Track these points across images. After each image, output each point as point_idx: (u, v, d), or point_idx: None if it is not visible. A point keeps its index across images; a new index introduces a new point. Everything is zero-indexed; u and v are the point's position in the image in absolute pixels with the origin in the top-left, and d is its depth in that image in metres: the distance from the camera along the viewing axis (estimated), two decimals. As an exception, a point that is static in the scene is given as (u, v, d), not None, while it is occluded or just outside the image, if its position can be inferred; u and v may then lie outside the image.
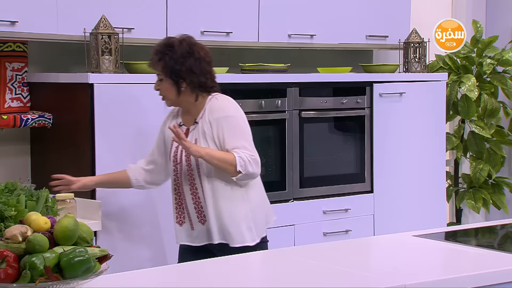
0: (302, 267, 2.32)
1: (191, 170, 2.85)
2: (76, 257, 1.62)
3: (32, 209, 1.86)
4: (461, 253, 2.44)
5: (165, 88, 2.86)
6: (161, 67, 2.84)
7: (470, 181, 4.87)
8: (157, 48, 2.87)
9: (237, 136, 2.82)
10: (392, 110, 4.18)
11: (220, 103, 2.87)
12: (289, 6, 4.00)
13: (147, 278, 1.99)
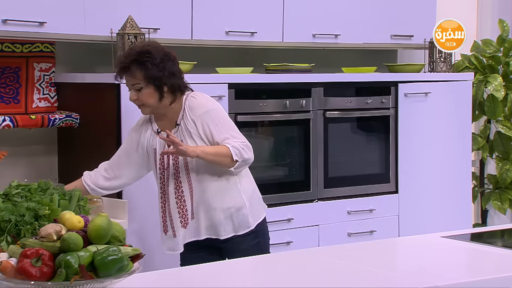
0: (330, 267, 2.32)
1: (178, 173, 2.83)
2: (109, 256, 1.64)
3: (65, 208, 1.88)
4: (490, 255, 2.42)
5: (145, 96, 2.77)
6: (142, 76, 2.75)
7: (496, 182, 4.83)
8: (132, 58, 2.76)
9: (223, 127, 2.84)
10: (417, 110, 4.15)
11: (199, 100, 2.86)
12: (313, 6, 3.99)
13: (180, 277, 2.00)
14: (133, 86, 2.78)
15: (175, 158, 2.82)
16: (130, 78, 2.78)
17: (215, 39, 3.72)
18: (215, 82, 3.52)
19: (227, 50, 3.96)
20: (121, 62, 2.78)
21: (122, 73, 2.79)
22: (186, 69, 3.52)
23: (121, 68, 2.78)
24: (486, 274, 2.13)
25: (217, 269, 2.22)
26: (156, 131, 2.86)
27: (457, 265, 2.37)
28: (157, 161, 2.86)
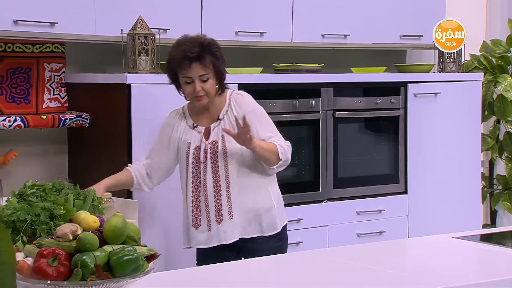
0: (341, 267, 2.31)
1: (217, 167, 2.84)
2: (125, 255, 1.64)
3: (80, 208, 1.88)
4: (503, 256, 2.41)
5: (210, 87, 2.82)
6: (212, 66, 2.79)
7: (506, 182, 4.82)
8: (203, 48, 2.79)
9: (269, 126, 2.90)
10: (427, 111, 4.15)
11: (245, 98, 2.92)
12: (322, 6, 3.99)
13: (195, 277, 2.00)
14: (200, 76, 2.78)
15: (213, 152, 2.83)
16: (199, 68, 2.78)
17: (225, 39, 3.72)
18: (225, 82, 3.51)
19: (237, 50, 3.95)
20: (190, 52, 2.76)
21: (190, 63, 2.76)
22: (196, 69, 3.52)
23: (191, 58, 2.76)
24: (499, 276, 2.12)
25: (230, 269, 2.22)
26: (192, 126, 2.89)
27: (469, 266, 2.37)
28: (190, 155, 2.87)
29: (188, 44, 2.79)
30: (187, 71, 2.78)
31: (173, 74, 2.86)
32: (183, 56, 2.77)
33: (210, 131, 2.88)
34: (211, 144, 2.85)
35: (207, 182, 2.85)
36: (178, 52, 2.78)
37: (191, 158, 2.87)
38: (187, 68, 2.77)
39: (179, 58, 2.78)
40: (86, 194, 1.94)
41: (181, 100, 3.35)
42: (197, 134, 2.88)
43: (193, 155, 2.86)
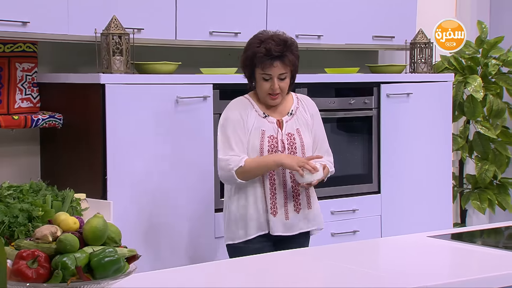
0: (317, 267, 2.33)
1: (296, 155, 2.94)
2: (106, 257, 1.62)
3: (58, 210, 1.86)
4: (478, 254, 2.45)
5: (285, 85, 2.89)
6: (291, 64, 2.86)
7: (475, 182, 4.89)
8: (285, 47, 2.84)
9: (325, 135, 3.09)
10: (400, 111, 4.19)
11: (309, 98, 3.09)
12: (296, 7, 4.00)
13: (175, 277, 1.99)
14: (280, 75, 2.84)
15: (291, 144, 2.91)
16: (280, 67, 2.83)
17: (199, 40, 3.72)
18: (200, 82, 3.51)
19: (211, 50, 3.95)
20: (275, 50, 2.80)
21: (273, 61, 2.81)
22: (171, 69, 3.51)
23: (275, 56, 2.80)
24: (475, 274, 2.16)
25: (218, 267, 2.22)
26: (264, 115, 2.93)
27: (445, 265, 2.39)
28: (265, 143, 2.89)
29: (271, 41, 2.83)
30: (268, 69, 2.82)
31: (251, 69, 2.90)
32: (267, 53, 2.82)
33: (282, 123, 2.93)
34: (288, 136, 2.92)
35: (286, 171, 2.90)
36: (262, 48, 2.82)
37: (266, 146, 2.89)
38: (269, 66, 2.82)
39: (263, 55, 2.82)
40: (64, 195, 1.92)
41: (157, 101, 3.35)
42: (269, 124, 2.91)
43: (268, 143, 2.89)
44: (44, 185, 1.98)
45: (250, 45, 2.92)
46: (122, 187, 3.26)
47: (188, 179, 3.45)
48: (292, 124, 2.94)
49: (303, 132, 2.94)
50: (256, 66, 2.85)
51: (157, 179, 3.36)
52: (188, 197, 3.46)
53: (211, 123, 3.51)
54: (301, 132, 2.94)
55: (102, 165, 3.24)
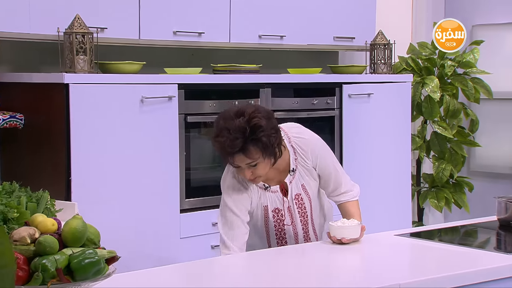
0: (288, 268, 2.34)
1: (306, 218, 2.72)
2: (86, 258, 1.60)
3: (34, 211, 1.83)
4: (448, 252, 2.50)
5: (261, 170, 2.49)
6: (260, 153, 2.44)
7: (433, 181, 4.98)
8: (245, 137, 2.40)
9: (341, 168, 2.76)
10: (361, 111, 4.24)
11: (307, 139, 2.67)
12: (259, 7, 4.02)
13: (158, 277, 1.98)
14: (247, 164, 2.46)
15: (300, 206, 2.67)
16: (244, 159, 2.43)
17: (163, 39, 3.70)
18: (165, 82, 3.49)
19: (175, 50, 3.93)
20: (231, 147, 2.39)
21: (233, 157, 2.43)
22: (135, 69, 3.48)
23: (232, 153, 2.41)
24: (447, 271, 2.20)
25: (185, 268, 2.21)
26: (264, 187, 2.63)
27: (416, 263, 2.44)
28: (270, 219, 2.65)
29: (226, 134, 2.40)
30: (232, 161, 2.46)
31: None
32: (223, 150, 2.43)
33: (286, 187, 2.65)
34: (295, 199, 2.66)
35: (298, 237, 2.71)
36: (217, 144, 2.44)
37: (271, 222, 2.65)
38: (231, 159, 2.45)
39: (219, 150, 2.46)
40: (39, 197, 1.88)
41: (122, 101, 3.32)
42: (272, 195, 2.64)
43: (273, 218, 2.65)
44: (17, 186, 1.94)
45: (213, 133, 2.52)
46: (86, 188, 3.22)
47: (153, 179, 3.43)
48: (297, 183, 2.64)
49: (308, 184, 2.66)
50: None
51: (122, 179, 3.33)
52: (153, 197, 3.43)
53: (176, 123, 3.50)
54: (306, 186, 2.66)
55: (66, 166, 3.19)
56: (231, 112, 2.46)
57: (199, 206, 3.64)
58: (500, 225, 2.93)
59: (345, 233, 2.52)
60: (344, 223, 2.56)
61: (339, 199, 2.75)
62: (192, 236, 3.59)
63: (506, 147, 5.18)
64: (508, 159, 5.19)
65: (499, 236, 2.88)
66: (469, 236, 2.92)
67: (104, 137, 3.28)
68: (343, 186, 2.73)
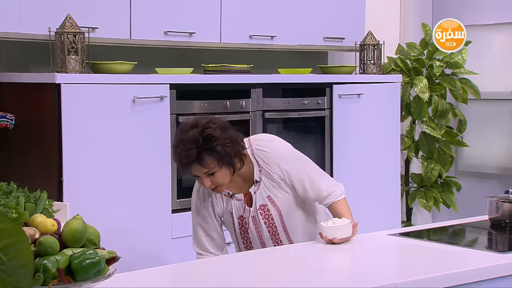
0: (280, 268, 2.34)
1: (275, 229, 2.70)
2: (87, 259, 1.60)
3: (32, 212, 1.81)
4: (442, 252, 2.51)
5: (220, 178, 2.54)
6: (215, 162, 2.50)
7: (421, 180, 5.01)
8: (198, 148, 2.47)
9: (310, 166, 2.74)
10: (351, 111, 4.26)
11: (270, 152, 2.65)
12: (250, 8, 4.02)
13: (159, 277, 1.98)
14: (205, 173, 2.52)
15: (266, 216, 2.67)
16: (201, 168, 2.50)
17: (154, 39, 3.69)
18: (157, 82, 3.49)
19: (166, 50, 3.93)
20: (186, 157, 2.47)
21: (190, 167, 2.50)
22: (127, 69, 3.47)
23: (188, 163, 2.48)
24: (443, 270, 2.21)
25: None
26: (229, 195, 2.67)
27: (411, 262, 2.44)
28: (236, 225, 2.70)
29: (181, 146, 2.49)
30: (189, 171, 2.54)
31: None
32: (180, 162, 2.51)
33: (251, 197, 2.67)
34: (260, 209, 2.67)
35: (266, 246, 2.71)
36: (175, 155, 2.53)
37: (237, 228, 2.70)
38: (188, 170, 2.52)
39: (177, 161, 2.54)
40: (37, 197, 1.87)
41: (113, 101, 3.30)
42: (237, 203, 2.68)
43: (239, 225, 2.69)
44: (15, 187, 1.93)
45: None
46: (78, 189, 3.21)
47: (145, 180, 3.42)
48: (262, 193, 2.66)
49: (275, 196, 2.66)
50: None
51: (113, 180, 3.32)
52: (145, 198, 3.42)
53: (168, 123, 3.49)
54: (272, 197, 2.66)
55: (57, 166, 3.17)
56: (187, 124, 2.56)
57: (190, 206, 3.62)
58: (491, 225, 2.95)
59: (335, 233, 2.52)
60: (335, 223, 2.56)
61: (326, 202, 2.75)
62: (184, 237, 3.58)
63: (493, 147, 5.22)
64: (495, 159, 5.24)
65: (491, 235, 2.91)
66: (460, 236, 2.94)
67: (96, 137, 3.27)
68: (325, 191, 2.71)
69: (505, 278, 2.30)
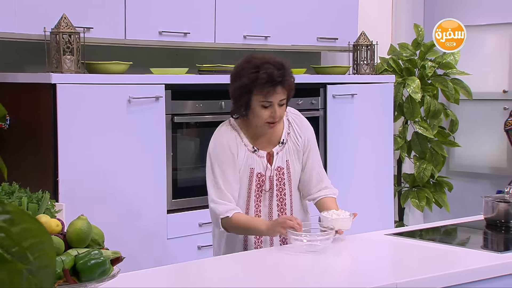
0: (278, 268, 2.35)
1: (283, 195, 2.72)
2: (92, 259, 1.59)
3: (35, 212, 1.81)
4: (439, 251, 2.53)
5: (283, 112, 2.63)
6: (290, 90, 2.60)
7: (413, 180, 5.03)
8: (283, 71, 2.56)
9: (321, 163, 2.84)
10: (345, 111, 4.27)
11: (304, 119, 2.78)
12: (244, 8, 4.03)
13: (164, 277, 1.97)
14: (280, 101, 2.58)
15: (280, 180, 2.70)
16: (281, 93, 2.56)
17: (148, 39, 3.68)
18: (152, 82, 3.48)
19: (160, 50, 3.92)
20: (277, 76, 2.53)
21: (275, 87, 2.54)
22: (122, 69, 3.46)
23: (278, 83, 2.54)
24: (442, 270, 2.22)
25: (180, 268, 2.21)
26: (252, 149, 2.68)
27: (410, 262, 2.46)
28: (253, 182, 2.68)
29: (270, 66, 2.56)
30: (271, 96, 2.55)
31: (247, 97, 2.60)
32: (270, 80, 2.53)
33: (273, 156, 2.70)
34: (276, 171, 2.69)
35: (272, 210, 2.71)
36: (262, 74, 2.54)
37: (254, 185, 2.67)
38: (271, 93, 2.54)
39: (264, 81, 2.54)
40: (39, 197, 1.86)
41: (109, 101, 3.29)
42: (258, 159, 2.68)
43: (256, 182, 2.67)
44: (17, 187, 1.92)
45: (242, 70, 2.63)
46: (74, 189, 3.19)
47: (141, 180, 3.42)
48: (282, 156, 2.70)
49: (292, 163, 2.71)
50: (254, 93, 2.57)
51: (109, 180, 3.31)
52: (141, 198, 3.42)
53: (163, 124, 3.49)
54: (290, 163, 2.71)
55: (53, 167, 3.16)
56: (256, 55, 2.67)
57: (186, 207, 3.63)
58: (487, 224, 2.97)
59: (339, 225, 2.55)
60: (339, 215, 2.59)
61: (321, 194, 2.77)
62: (179, 237, 3.58)
63: (484, 147, 5.26)
64: (486, 159, 5.27)
65: (486, 235, 2.93)
66: (456, 236, 2.96)
67: (91, 137, 3.26)
68: (325, 181, 2.79)
69: (502, 278, 2.31)
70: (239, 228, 2.59)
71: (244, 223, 2.57)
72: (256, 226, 2.57)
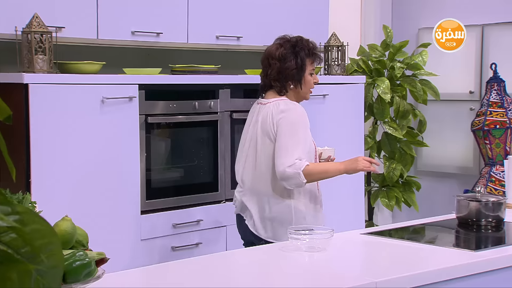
0: (264, 267, 2.36)
1: None
2: (77, 261, 1.58)
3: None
4: (415, 250, 2.56)
5: None
6: None
7: (383, 180, 5.08)
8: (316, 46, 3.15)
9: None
10: (317, 112, 4.29)
11: None
12: (216, 8, 4.02)
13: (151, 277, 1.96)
14: (313, 71, 3.14)
15: None
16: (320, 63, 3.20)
17: (121, 39, 3.66)
18: (126, 82, 3.46)
19: (133, 50, 3.90)
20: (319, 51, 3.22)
21: (320, 58, 3.17)
22: (95, 69, 3.43)
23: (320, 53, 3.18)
24: (420, 268, 2.26)
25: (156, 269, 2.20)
26: None
27: (388, 260, 2.48)
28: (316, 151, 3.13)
29: (303, 39, 3.16)
30: (318, 62, 3.16)
31: (305, 67, 3.08)
32: (315, 49, 3.14)
33: None
34: None
35: None
36: (310, 44, 3.12)
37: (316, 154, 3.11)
38: (318, 60, 3.14)
39: (311, 49, 3.11)
40: (20, 198, 1.84)
41: (82, 101, 3.26)
42: None
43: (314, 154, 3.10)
44: None
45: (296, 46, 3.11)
46: (46, 190, 3.16)
47: (114, 180, 3.39)
48: None
49: None
50: (307, 64, 3.07)
51: (82, 181, 3.28)
52: (113, 199, 3.39)
53: (137, 124, 3.47)
54: None
55: (25, 168, 3.11)
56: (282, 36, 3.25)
57: (159, 208, 3.61)
58: (459, 223, 3.02)
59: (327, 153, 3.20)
60: (324, 147, 3.29)
61: None
62: (153, 238, 3.56)
63: (451, 147, 5.34)
64: (453, 159, 5.35)
65: (459, 233, 2.97)
66: (430, 235, 3.00)
67: (64, 138, 3.22)
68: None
69: (476, 276, 2.35)
70: (318, 173, 2.97)
71: (322, 166, 3.03)
72: (334, 165, 3.07)
